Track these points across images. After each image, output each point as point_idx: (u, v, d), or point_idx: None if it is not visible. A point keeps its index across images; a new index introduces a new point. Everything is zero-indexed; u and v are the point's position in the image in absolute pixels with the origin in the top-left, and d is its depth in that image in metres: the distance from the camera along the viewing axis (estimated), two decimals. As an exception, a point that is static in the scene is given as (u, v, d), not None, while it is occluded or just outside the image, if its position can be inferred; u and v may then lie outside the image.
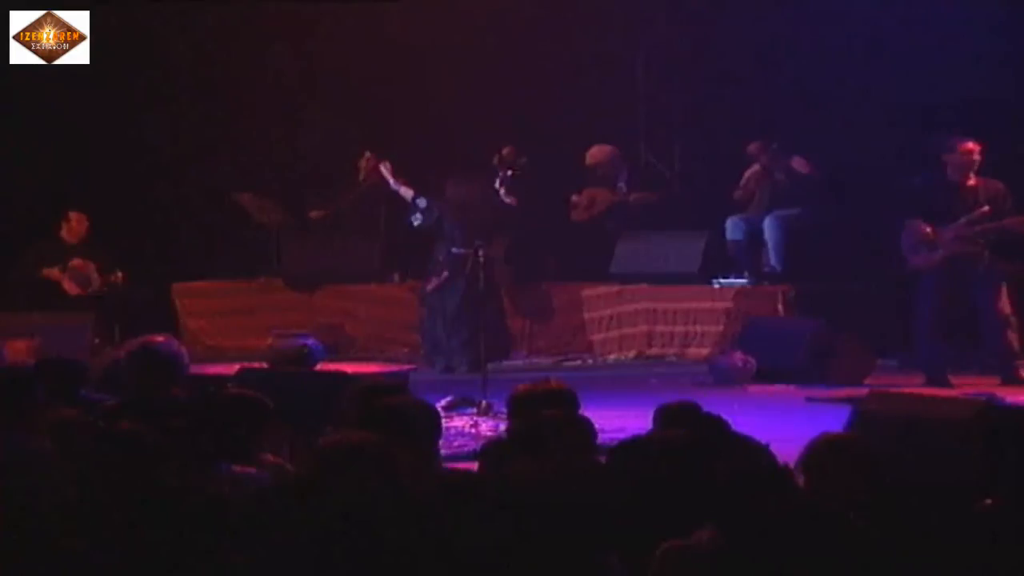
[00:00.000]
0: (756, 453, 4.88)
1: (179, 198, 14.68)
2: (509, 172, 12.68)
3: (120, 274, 13.42)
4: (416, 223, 12.68)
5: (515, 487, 4.22)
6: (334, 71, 14.75)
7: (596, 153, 14.03)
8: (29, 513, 4.27)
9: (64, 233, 13.58)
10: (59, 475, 4.79)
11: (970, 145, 10.85)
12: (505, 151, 13.25)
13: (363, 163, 14.82)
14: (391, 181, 13.02)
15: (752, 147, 13.14)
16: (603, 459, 4.90)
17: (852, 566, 3.90)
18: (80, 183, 14.16)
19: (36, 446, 5.26)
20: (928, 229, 10.86)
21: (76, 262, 13.44)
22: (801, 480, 4.62)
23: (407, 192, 12.80)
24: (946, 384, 10.64)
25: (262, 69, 14.89)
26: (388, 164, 13.13)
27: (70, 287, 13.39)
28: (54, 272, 13.39)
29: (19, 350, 10.74)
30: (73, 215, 13.56)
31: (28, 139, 14.30)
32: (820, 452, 4.69)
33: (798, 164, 12.97)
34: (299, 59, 14.82)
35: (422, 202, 12.60)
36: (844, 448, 4.79)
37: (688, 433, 4.89)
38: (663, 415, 5.55)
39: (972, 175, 10.90)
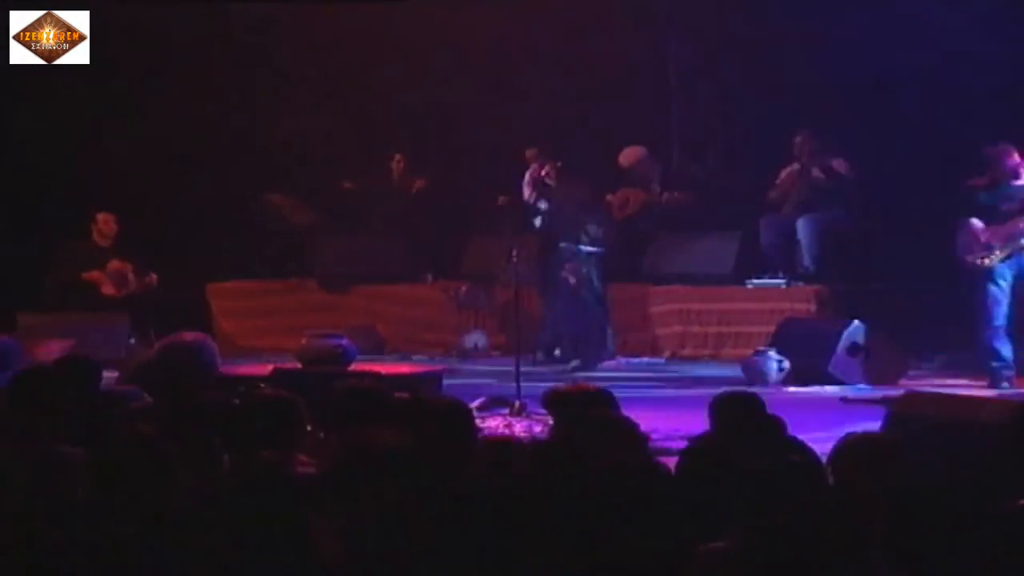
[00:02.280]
0: (799, 454, 4.86)
1: (212, 199, 14.71)
2: (545, 172, 12.69)
3: (154, 276, 13.47)
4: (537, 224, 12.67)
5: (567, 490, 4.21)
6: (365, 71, 14.73)
7: (629, 154, 14.02)
8: (51, 517, 4.25)
9: (96, 236, 13.63)
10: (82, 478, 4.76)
11: (1016, 157, 10.83)
12: (529, 153, 13.30)
13: (394, 165, 14.87)
14: (528, 181, 12.86)
15: (798, 139, 13.08)
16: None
17: (879, 566, 3.86)
18: (114, 184, 14.19)
19: (61, 450, 5.22)
20: (983, 229, 10.78)
21: (115, 263, 13.50)
22: (832, 480, 4.59)
23: (529, 194, 12.78)
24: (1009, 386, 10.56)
25: (288, 69, 14.88)
26: (557, 164, 12.83)
27: (107, 288, 13.44)
28: (94, 274, 13.44)
29: (54, 351, 10.76)
30: (100, 216, 13.60)
31: (61, 140, 14.36)
32: (848, 452, 4.64)
33: (838, 165, 12.92)
34: (324, 58, 14.79)
35: (543, 204, 12.61)
36: (871, 447, 4.73)
37: (745, 436, 4.86)
38: (720, 406, 5.53)
39: (1022, 173, 10.87)
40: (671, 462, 4.73)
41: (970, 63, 12.38)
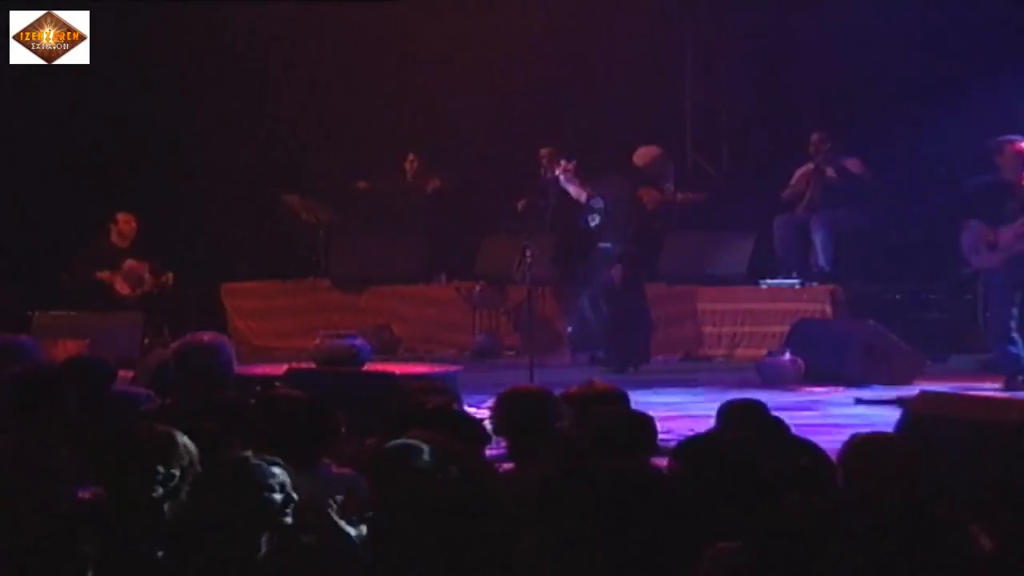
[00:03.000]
0: (809, 454, 4.85)
1: (227, 199, 14.74)
2: (558, 174, 12.67)
3: (170, 275, 13.51)
4: (593, 223, 12.51)
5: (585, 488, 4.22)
6: (375, 68, 14.71)
7: (644, 154, 13.98)
8: (47, 521, 4.25)
9: (114, 235, 13.68)
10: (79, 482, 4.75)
11: (1021, 145, 10.77)
12: (543, 152, 13.28)
13: (408, 165, 14.87)
14: (566, 179, 12.72)
15: (813, 138, 13.05)
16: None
17: (890, 566, 3.87)
18: (129, 185, 14.23)
19: (57, 455, 5.21)
20: (988, 231, 10.76)
21: (130, 263, 13.55)
22: (842, 481, 4.57)
23: (580, 193, 12.56)
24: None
25: (299, 69, 14.89)
26: (572, 164, 12.67)
27: (121, 287, 13.48)
28: (106, 274, 13.49)
29: (70, 350, 10.80)
30: (120, 216, 13.65)
31: (78, 141, 14.40)
32: (856, 452, 4.62)
33: (852, 165, 12.91)
34: (334, 58, 14.79)
35: (598, 202, 12.47)
36: (880, 447, 4.72)
37: (749, 434, 4.86)
38: (727, 413, 5.52)
39: None
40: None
41: (984, 64, 12.37)
